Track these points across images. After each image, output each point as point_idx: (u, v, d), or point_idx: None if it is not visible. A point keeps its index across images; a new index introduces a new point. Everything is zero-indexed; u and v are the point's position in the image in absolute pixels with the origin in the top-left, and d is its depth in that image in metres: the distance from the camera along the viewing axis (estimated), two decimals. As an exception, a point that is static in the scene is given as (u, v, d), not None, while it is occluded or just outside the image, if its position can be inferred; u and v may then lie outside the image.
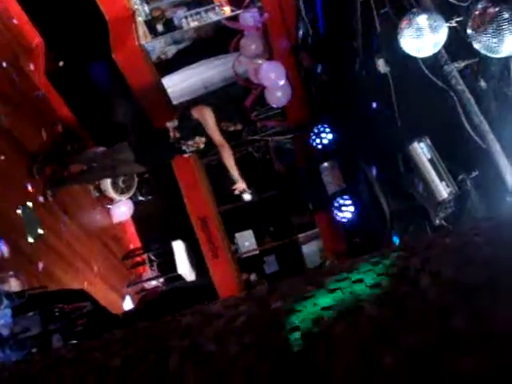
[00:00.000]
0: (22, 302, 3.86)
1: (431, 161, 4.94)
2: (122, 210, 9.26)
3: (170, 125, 6.41)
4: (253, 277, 10.27)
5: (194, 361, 1.65)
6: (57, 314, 3.92)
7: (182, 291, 9.53)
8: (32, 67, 7.80)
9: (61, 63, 8.16)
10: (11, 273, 4.76)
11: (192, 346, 1.72)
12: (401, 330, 1.56)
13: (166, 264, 9.53)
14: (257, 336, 1.70)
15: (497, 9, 3.15)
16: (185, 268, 9.35)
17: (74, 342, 3.93)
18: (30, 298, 3.99)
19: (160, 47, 8.80)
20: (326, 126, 8.47)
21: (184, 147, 6.41)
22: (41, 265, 6.08)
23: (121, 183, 8.93)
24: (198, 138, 6.36)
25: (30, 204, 6.40)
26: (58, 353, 2.06)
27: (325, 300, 1.76)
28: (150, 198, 9.81)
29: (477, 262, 1.79)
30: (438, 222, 5.00)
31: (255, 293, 2.00)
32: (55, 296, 4.62)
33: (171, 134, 6.34)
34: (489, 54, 3.29)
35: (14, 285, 4.54)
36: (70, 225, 7.41)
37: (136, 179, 9.37)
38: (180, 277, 9.40)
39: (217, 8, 8.41)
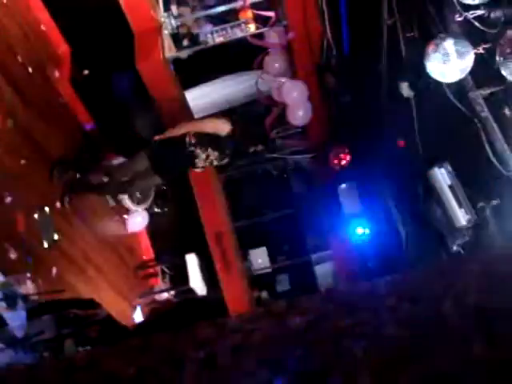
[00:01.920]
0: (37, 304, 3.88)
1: (451, 187, 4.92)
2: (138, 220, 9.28)
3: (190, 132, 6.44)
4: (264, 294, 10.23)
5: (210, 374, 1.64)
6: (71, 318, 3.92)
7: (193, 305, 9.50)
8: (57, 74, 7.87)
9: (86, 72, 8.23)
10: (28, 275, 4.78)
11: (208, 358, 1.70)
12: (419, 355, 1.54)
13: (178, 277, 9.52)
14: (274, 352, 1.68)
15: (526, 37, 3.14)
16: (197, 282, 9.33)
17: (87, 347, 3.93)
18: (45, 302, 4.00)
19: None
20: (345, 147, 8.47)
21: (196, 160, 6.42)
22: (54, 270, 6.09)
23: (137, 194, 8.94)
24: (210, 151, 6.37)
25: (46, 209, 6.42)
26: (72, 358, 2.04)
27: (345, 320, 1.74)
28: (165, 210, 9.82)
29: (503, 289, 1.77)
30: (455, 248, 4.97)
31: (273, 309, 1.98)
32: (69, 301, 4.63)
33: (187, 138, 6.36)
34: (516, 82, 3.28)
35: (30, 287, 4.55)
36: (85, 232, 7.43)
37: (153, 190, 9.38)
38: (191, 290, 9.37)
39: (243, 25, 8.46)
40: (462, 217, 4.83)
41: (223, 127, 6.34)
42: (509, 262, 1.95)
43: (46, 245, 6.14)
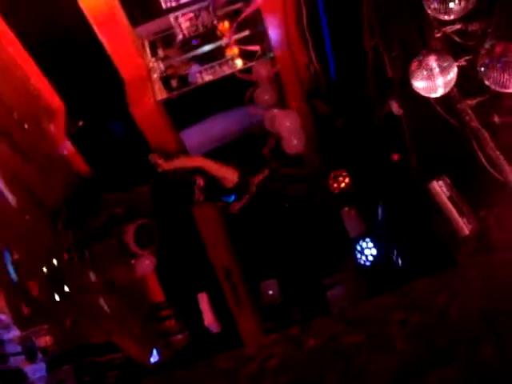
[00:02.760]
0: (55, 355, 3.92)
1: (451, 198, 4.96)
2: (146, 263, 9.28)
3: (199, 183, 6.59)
4: (276, 326, 10.20)
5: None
6: (90, 366, 3.96)
7: (208, 342, 9.47)
8: (52, 128, 7.98)
9: (80, 123, 8.33)
10: (45, 326, 4.82)
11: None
12: (430, 363, 1.58)
13: (192, 316, 9.50)
14: (291, 376, 1.72)
15: (504, 45, 3.22)
16: (210, 320, 9.32)
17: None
18: (63, 352, 4.04)
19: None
20: (343, 170, 8.53)
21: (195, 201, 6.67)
22: (68, 321, 6.10)
23: (143, 237, 8.96)
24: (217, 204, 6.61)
25: (55, 261, 6.47)
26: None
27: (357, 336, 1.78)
28: (172, 250, 9.82)
29: (503, 292, 1.81)
30: (460, 258, 5.00)
31: (288, 333, 2.03)
32: (87, 349, 4.67)
33: (196, 194, 6.54)
34: (500, 90, 3.35)
35: (47, 339, 4.58)
36: (95, 280, 7.45)
37: (158, 233, 9.40)
38: (206, 328, 9.36)
39: (230, 61, 8.59)
40: (465, 226, 4.87)
41: (232, 178, 6.51)
42: (508, 266, 2.00)
43: (57, 298, 6.17)
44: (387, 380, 1.61)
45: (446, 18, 3.56)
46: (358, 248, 8.38)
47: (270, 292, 10.13)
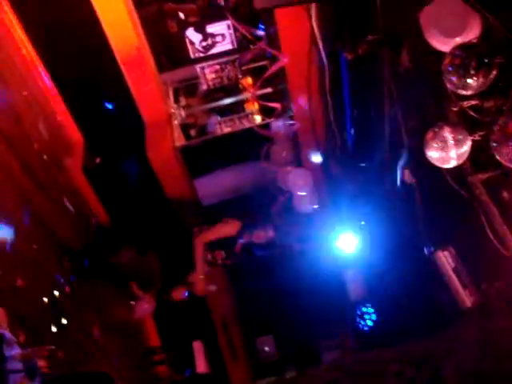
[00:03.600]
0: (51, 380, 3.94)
1: (455, 269, 5.00)
2: (145, 306, 9.26)
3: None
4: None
5: None
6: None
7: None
8: (70, 162, 8.10)
9: (98, 160, 8.44)
10: (48, 347, 4.83)
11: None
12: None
13: (185, 364, 9.42)
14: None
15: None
16: (204, 369, 9.24)
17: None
18: (58, 380, 4.06)
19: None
20: (350, 234, 8.58)
21: None
22: (61, 354, 6.08)
23: (145, 280, 8.98)
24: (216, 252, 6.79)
25: (56, 293, 6.50)
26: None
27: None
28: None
29: (498, 356, 1.86)
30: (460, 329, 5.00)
31: (285, 377, 2.09)
32: (83, 378, 4.67)
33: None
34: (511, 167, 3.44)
35: (45, 361, 4.59)
36: (93, 317, 7.45)
37: (160, 277, 9.41)
38: (198, 377, 9.27)
39: (250, 115, 8.73)
40: (467, 298, 4.90)
41: (230, 230, 6.69)
42: (504, 333, 2.05)
43: (54, 329, 6.17)
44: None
45: (464, 92, 3.69)
46: (359, 313, 8.36)
47: (266, 348, 10.07)
